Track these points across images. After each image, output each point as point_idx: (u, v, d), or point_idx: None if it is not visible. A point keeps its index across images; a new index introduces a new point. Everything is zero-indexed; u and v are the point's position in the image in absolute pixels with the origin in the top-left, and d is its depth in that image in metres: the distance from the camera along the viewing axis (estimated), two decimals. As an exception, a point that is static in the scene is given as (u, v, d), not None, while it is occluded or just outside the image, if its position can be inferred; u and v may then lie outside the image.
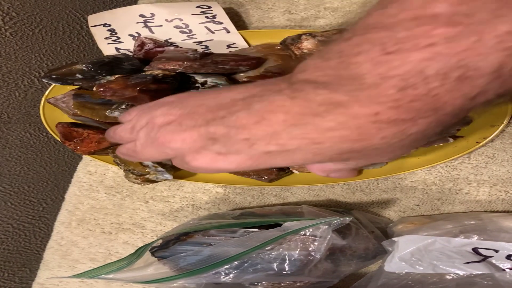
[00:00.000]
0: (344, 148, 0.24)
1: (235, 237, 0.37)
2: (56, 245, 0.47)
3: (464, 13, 0.20)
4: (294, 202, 0.44)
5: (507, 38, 0.19)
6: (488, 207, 0.41)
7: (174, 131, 0.29)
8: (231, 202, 0.45)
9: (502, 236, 0.36)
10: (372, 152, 0.25)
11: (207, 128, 0.27)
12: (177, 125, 0.29)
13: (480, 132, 0.41)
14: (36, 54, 0.51)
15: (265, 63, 0.43)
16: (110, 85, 0.40)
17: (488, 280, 0.36)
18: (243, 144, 0.26)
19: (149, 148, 0.31)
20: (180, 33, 0.46)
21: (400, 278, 0.37)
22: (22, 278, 0.57)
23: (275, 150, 0.26)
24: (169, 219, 0.46)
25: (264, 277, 0.36)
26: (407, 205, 0.42)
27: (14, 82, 0.50)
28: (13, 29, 0.48)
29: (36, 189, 0.56)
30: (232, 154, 0.27)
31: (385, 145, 0.24)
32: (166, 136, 0.29)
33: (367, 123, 0.23)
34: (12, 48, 0.49)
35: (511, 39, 0.19)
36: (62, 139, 0.43)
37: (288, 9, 0.50)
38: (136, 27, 0.46)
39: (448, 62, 0.20)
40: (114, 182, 0.48)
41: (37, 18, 0.50)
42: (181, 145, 0.28)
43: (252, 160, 0.27)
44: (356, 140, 0.24)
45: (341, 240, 0.37)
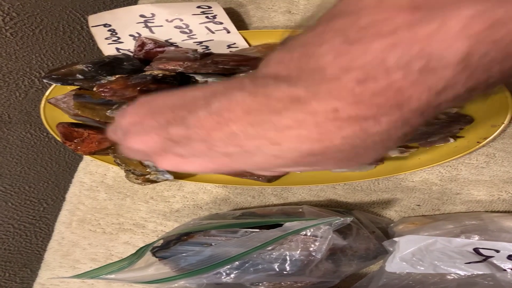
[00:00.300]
0: (305, 150, 0.22)
1: (236, 237, 0.37)
2: (57, 245, 0.47)
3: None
4: (295, 202, 0.44)
5: (472, 24, 0.17)
6: (489, 207, 0.41)
7: (136, 132, 0.28)
8: (232, 202, 0.45)
9: (503, 236, 0.36)
10: (336, 155, 0.22)
11: (168, 130, 0.26)
12: (139, 126, 0.27)
13: (480, 132, 0.41)
14: (36, 54, 0.51)
15: (265, 63, 0.43)
16: (111, 85, 0.39)
17: (489, 280, 0.36)
18: (203, 146, 0.25)
19: (124, 150, 0.30)
20: (181, 33, 0.46)
21: (401, 278, 0.37)
22: (23, 278, 0.57)
23: (235, 152, 0.24)
24: (170, 219, 0.45)
25: (265, 277, 0.36)
26: (408, 205, 0.42)
27: (15, 82, 0.50)
28: (14, 29, 0.48)
29: (36, 189, 0.56)
30: (194, 157, 0.26)
31: (348, 147, 0.22)
32: (129, 139, 0.28)
33: (326, 120, 0.21)
34: (13, 48, 0.49)
35: (477, 24, 0.17)
36: (62, 139, 0.43)
37: (288, 9, 0.50)
38: (137, 27, 0.46)
39: (409, 51, 0.18)
40: (114, 182, 0.48)
41: (37, 19, 0.50)
42: (144, 148, 0.27)
43: (214, 163, 0.25)
44: (316, 140, 0.21)
45: (342, 240, 0.37)
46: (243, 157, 0.24)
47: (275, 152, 0.23)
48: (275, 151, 0.23)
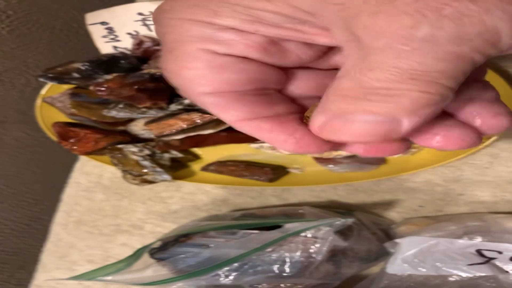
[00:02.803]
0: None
1: (235, 239, 0.37)
2: (54, 246, 0.46)
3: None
4: (295, 203, 0.44)
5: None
6: (492, 208, 0.41)
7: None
8: (231, 203, 0.45)
9: (506, 238, 0.36)
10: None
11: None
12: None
13: (484, 131, 0.40)
14: (33, 52, 0.51)
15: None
16: (107, 84, 0.39)
17: (491, 282, 0.36)
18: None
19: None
20: (179, 32, 0.46)
21: (403, 280, 0.37)
22: (20, 280, 0.57)
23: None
24: (168, 221, 0.45)
25: (264, 279, 0.36)
26: (410, 206, 0.42)
27: (10, 81, 0.50)
28: (10, 27, 0.48)
29: (32, 190, 0.56)
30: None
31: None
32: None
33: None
34: (9, 46, 0.48)
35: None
36: (58, 139, 0.43)
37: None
38: (134, 25, 0.46)
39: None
40: (111, 183, 0.47)
41: (34, 16, 0.50)
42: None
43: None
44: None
45: (342, 242, 0.37)
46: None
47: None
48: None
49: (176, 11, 0.20)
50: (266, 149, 0.43)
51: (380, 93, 0.18)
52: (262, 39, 0.20)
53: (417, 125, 0.18)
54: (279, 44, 0.20)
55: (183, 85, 0.21)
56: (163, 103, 0.40)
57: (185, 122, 0.39)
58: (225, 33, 0.19)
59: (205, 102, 0.21)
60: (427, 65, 0.17)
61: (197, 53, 0.20)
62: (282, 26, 0.19)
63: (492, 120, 0.21)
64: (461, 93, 0.21)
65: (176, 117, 0.39)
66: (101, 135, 0.42)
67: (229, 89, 0.20)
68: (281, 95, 0.23)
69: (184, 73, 0.20)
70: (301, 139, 0.21)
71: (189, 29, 0.20)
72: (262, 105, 0.21)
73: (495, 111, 0.21)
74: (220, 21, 0.19)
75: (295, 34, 0.20)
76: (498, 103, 0.22)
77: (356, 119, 0.19)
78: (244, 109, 0.21)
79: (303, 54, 0.21)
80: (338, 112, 0.19)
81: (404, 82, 0.17)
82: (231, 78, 0.20)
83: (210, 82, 0.20)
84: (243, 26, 0.19)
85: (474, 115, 0.21)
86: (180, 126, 0.39)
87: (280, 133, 0.21)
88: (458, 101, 0.21)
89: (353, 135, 0.19)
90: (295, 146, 0.22)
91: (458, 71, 0.17)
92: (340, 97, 0.19)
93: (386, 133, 0.19)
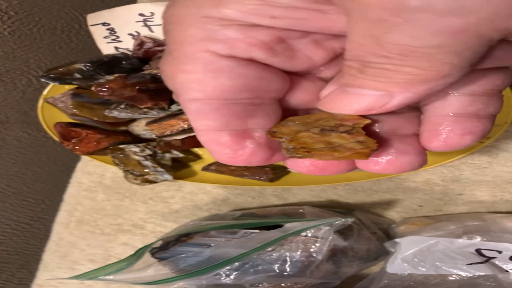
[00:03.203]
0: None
1: (235, 238, 0.36)
2: (55, 246, 0.46)
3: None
4: (295, 203, 0.44)
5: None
6: (491, 207, 0.41)
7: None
8: (232, 203, 0.45)
9: (505, 237, 0.36)
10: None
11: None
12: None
13: (483, 132, 0.40)
14: (34, 53, 0.51)
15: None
16: (109, 84, 0.39)
17: (491, 281, 0.36)
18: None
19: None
20: (180, 32, 0.46)
21: (403, 280, 0.37)
22: (21, 280, 0.57)
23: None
24: (169, 220, 0.45)
25: (265, 279, 0.36)
26: (410, 206, 0.42)
27: (12, 81, 0.50)
28: (12, 28, 0.48)
29: (34, 190, 0.56)
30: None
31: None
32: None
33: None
34: (10, 47, 0.48)
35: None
36: (60, 139, 0.43)
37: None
38: (136, 26, 0.46)
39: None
40: (113, 182, 0.47)
41: (35, 17, 0.50)
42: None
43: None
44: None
45: (342, 241, 0.37)
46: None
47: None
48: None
49: (178, 5, 0.18)
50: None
51: (375, 67, 0.17)
52: (268, 37, 0.18)
53: (409, 101, 0.17)
54: (287, 43, 0.19)
55: (177, 89, 0.19)
56: (164, 103, 0.40)
57: (186, 123, 0.39)
58: (228, 30, 0.18)
59: (190, 108, 0.19)
60: (421, 40, 0.15)
61: (196, 55, 0.18)
62: (297, 6, 0.17)
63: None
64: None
65: (178, 118, 0.39)
66: (103, 135, 0.42)
67: (221, 96, 0.19)
68: (273, 107, 0.21)
69: (179, 77, 0.19)
70: (241, 156, 0.20)
71: (190, 27, 0.18)
72: (239, 118, 0.20)
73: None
74: (224, 10, 0.17)
75: (313, 16, 0.18)
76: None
77: (352, 92, 0.18)
78: (220, 119, 0.19)
79: (313, 54, 0.20)
80: (341, 84, 0.19)
81: (396, 57, 0.16)
82: (227, 84, 0.19)
83: (203, 88, 0.19)
84: (251, 17, 0.18)
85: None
86: (181, 126, 0.39)
87: (226, 148, 0.20)
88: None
89: (348, 107, 0.19)
90: (229, 160, 0.21)
91: (463, 47, 0.15)
92: (345, 70, 0.18)
93: (377, 107, 0.18)
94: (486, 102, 0.20)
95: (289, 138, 0.20)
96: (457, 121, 0.20)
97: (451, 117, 0.20)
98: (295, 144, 0.20)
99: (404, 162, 0.20)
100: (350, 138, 0.20)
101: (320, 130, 0.20)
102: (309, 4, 0.17)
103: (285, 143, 0.20)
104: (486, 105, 0.20)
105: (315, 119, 0.20)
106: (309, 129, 0.20)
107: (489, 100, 0.20)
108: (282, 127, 0.20)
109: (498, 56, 0.18)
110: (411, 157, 0.20)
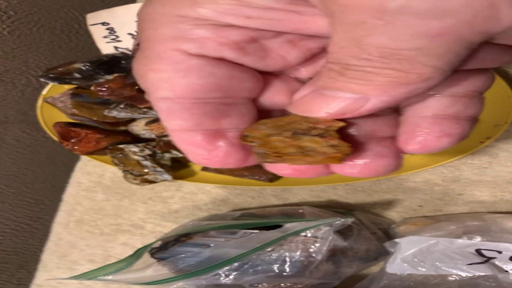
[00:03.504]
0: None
1: (235, 238, 0.36)
2: (54, 246, 0.46)
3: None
4: (295, 203, 0.44)
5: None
6: (491, 207, 0.41)
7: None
8: (231, 203, 0.45)
9: (505, 237, 0.36)
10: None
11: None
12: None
13: (483, 131, 0.40)
14: (33, 53, 0.51)
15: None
16: (109, 84, 0.39)
17: (491, 281, 0.36)
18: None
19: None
20: (180, 32, 0.46)
21: (402, 280, 0.37)
22: (20, 280, 0.56)
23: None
24: (169, 220, 0.45)
25: (264, 279, 0.36)
26: (410, 206, 0.42)
27: (11, 81, 0.50)
28: (11, 27, 0.48)
29: (33, 190, 0.56)
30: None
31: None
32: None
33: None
34: (10, 47, 0.48)
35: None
36: (59, 139, 0.43)
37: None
38: (135, 25, 0.46)
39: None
40: (112, 182, 0.47)
41: (35, 17, 0.50)
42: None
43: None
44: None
45: (342, 241, 0.37)
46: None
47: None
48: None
49: (155, 4, 0.18)
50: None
51: (356, 69, 0.16)
52: (240, 37, 0.18)
53: (385, 105, 0.17)
54: (260, 42, 0.19)
55: (147, 88, 0.19)
56: (163, 103, 0.39)
57: (185, 122, 0.39)
58: (200, 29, 0.18)
59: (160, 107, 0.19)
60: (401, 42, 0.15)
61: (167, 54, 0.18)
62: (273, 7, 0.17)
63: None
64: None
65: (177, 117, 0.39)
66: (102, 135, 0.42)
67: (191, 95, 0.19)
68: (247, 106, 0.21)
69: (149, 76, 0.19)
70: (215, 157, 0.20)
71: (163, 25, 0.18)
72: (211, 117, 0.19)
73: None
74: (200, 10, 0.17)
75: (288, 16, 0.18)
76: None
77: (327, 94, 0.18)
78: (191, 119, 0.19)
79: (287, 54, 0.19)
80: (318, 87, 0.18)
81: (377, 60, 0.16)
82: (196, 83, 0.18)
83: (172, 87, 0.18)
84: (226, 17, 0.17)
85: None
86: (180, 126, 0.39)
87: (199, 148, 0.20)
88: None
89: (321, 110, 0.18)
90: (204, 161, 0.20)
91: (444, 50, 0.15)
92: (325, 73, 0.18)
93: (351, 111, 0.18)
94: (467, 104, 0.19)
95: (261, 142, 0.19)
96: (436, 122, 0.19)
97: (430, 118, 0.19)
98: (266, 148, 0.19)
99: (380, 166, 0.20)
100: (323, 141, 0.19)
101: (292, 133, 0.19)
102: (284, 5, 0.17)
103: (256, 147, 0.19)
104: (466, 107, 0.19)
105: (288, 122, 0.20)
106: (281, 133, 0.20)
107: (470, 102, 0.19)
108: (254, 131, 0.20)
109: (480, 57, 0.18)
110: (387, 161, 0.20)
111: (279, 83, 0.21)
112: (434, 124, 0.19)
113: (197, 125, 0.19)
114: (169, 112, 0.19)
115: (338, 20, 0.16)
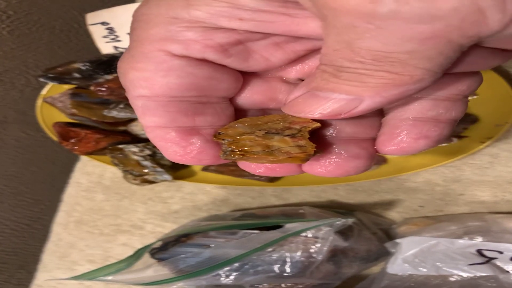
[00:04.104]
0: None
1: (235, 239, 0.36)
2: (54, 246, 0.46)
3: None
4: (296, 203, 0.44)
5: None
6: (492, 208, 0.41)
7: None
8: (232, 203, 0.45)
9: (506, 238, 0.36)
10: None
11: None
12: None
13: (484, 132, 0.40)
14: (33, 52, 0.50)
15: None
16: (108, 84, 0.39)
17: (492, 282, 0.36)
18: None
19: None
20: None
21: (403, 280, 0.37)
22: (20, 280, 0.56)
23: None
24: (168, 221, 0.45)
25: (265, 279, 0.36)
26: (411, 206, 0.42)
27: (11, 81, 0.50)
28: (10, 27, 0.48)
29: (33, 190, 0.56)
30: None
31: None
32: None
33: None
34: (9, 46, 0.48)
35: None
36: (59, 139, 0.43)
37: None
38: (135, 25, 0.46)
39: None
40: (112, 183, 0.47)
41: (34, 17, 0.50)
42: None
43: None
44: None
45: (343, 242, 0.37)
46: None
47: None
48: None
49: (150, 5, 0.19)
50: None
51: (349, 71, 0.17)
52: (226, 39, 0.18)
53: (378, 106, 0.17)
54: (244, 45, 0.19)
55: (126, 86, 0.20)
56: (163, 103, 0.39)
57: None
58: (189, 31, 0.18)
59: (136, 105, 0.20)
60: (392, 46, 0.15)
61: (151, 54, 0.19)
62: (265, 9, 0.17)
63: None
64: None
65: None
66: (101, 135, 0.42)
67: (167, 93, 0.19)
68: (222, 105, 0.21)
69: (130, 74, 0.19)
70: (189, 153, 0.20)
71: (154, 26, 0.18)
72: (186, 115, 0.20)
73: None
74: (193, 11, 0.18)
75: (279, 19, 0.18)
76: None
77: (321, 96, 0.18)
78: (166, 116, 0.19)
79: (271, 55, 0.20)
80: (312, 88, 0.18)
81: (370, 63, 0.16)
82: (174, 82, 0.19)
83: (151, 85, 0.19)
84: (218, 19, 0.18)
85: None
86: (180, 126, 0.39)
87: (173, 144, 0.20)
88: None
89: (315, 111, 0.18)
90: (179, 158, 0.20)
91: (435, 53, 0.15)
92: (318, 74, 0.18)
93: (345, 111, 0.18)
94: (449, 107, 0.20)
95: (231, 140, 0.20)
96: (414, 125, 0.20)
97: (410, 120, 0.20)
98: (234, 146, 0.20)
99: (351, 167, 0.20)
100: (291, 141, 0.19)
101: (265, 132, 0.20)
102: (277, 7, 0.18)
103: (224, 145, 0.20)
104: (447, 110, 0.20)
105: (266, 121, 0.20)
106: (254, 132, 0.20)
107: (452, 105, 0.20)
108: (229, 129, 0.20)
109: (470, 61, 0.18)
110: (359, 162, 0.20)
111: (260, 83, 0.21)
112: (412, 126, 0.20)
113: (171, 122, 0.20)
114: (145, 110, 0.20)
115: (330, 24, 0.16)
